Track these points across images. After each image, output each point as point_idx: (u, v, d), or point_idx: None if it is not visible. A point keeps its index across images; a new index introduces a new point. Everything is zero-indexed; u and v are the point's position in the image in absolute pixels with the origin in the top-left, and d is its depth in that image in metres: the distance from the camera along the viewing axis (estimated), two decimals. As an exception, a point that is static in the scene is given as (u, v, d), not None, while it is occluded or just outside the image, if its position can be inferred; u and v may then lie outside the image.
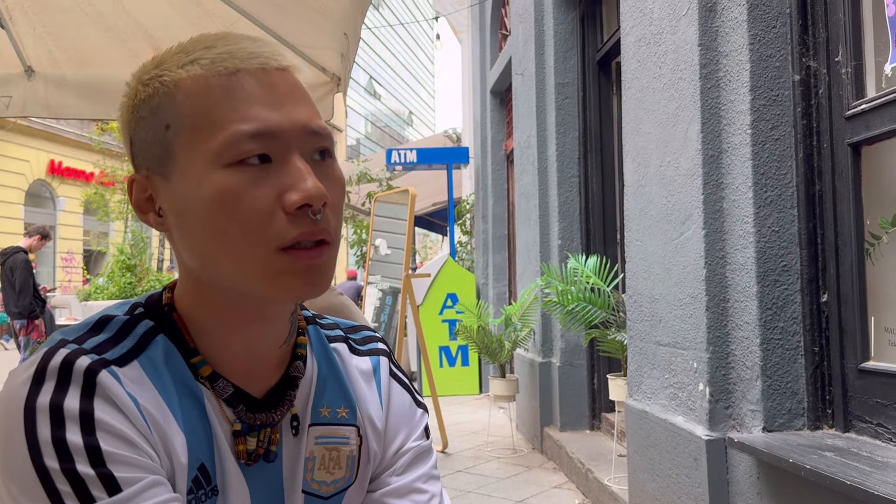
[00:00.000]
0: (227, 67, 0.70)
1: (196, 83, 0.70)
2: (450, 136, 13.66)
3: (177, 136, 0.70)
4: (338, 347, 0.87)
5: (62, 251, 20.91)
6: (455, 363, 7.97)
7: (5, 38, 2.96)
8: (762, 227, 2.39)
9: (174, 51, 0.73)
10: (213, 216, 0.68)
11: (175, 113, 0.70)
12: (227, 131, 0.67)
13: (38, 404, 0.64)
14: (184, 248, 0.73)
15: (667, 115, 2.86)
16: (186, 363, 0.74)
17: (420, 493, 0.85)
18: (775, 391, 2.36)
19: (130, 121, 0.74)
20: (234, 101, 0.69)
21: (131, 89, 0.74)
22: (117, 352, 0.70)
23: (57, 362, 0.66)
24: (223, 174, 0.67)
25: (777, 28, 2.42)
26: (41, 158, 20.11)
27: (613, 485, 3.61)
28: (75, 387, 0.65)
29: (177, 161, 0.70)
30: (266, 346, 0.77)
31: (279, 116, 0.69)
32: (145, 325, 0.74)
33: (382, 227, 6.43)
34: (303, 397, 0.81)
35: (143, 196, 0.74)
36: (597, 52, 4.92)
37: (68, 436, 0.63)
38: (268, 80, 0.71)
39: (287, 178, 0.68)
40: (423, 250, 24.65)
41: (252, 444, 0.75)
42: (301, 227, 0.68)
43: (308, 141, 0.71)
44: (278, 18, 2.61)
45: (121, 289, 9.06)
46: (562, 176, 5.01)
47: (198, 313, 0.75)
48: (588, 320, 3.94)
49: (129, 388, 0.68)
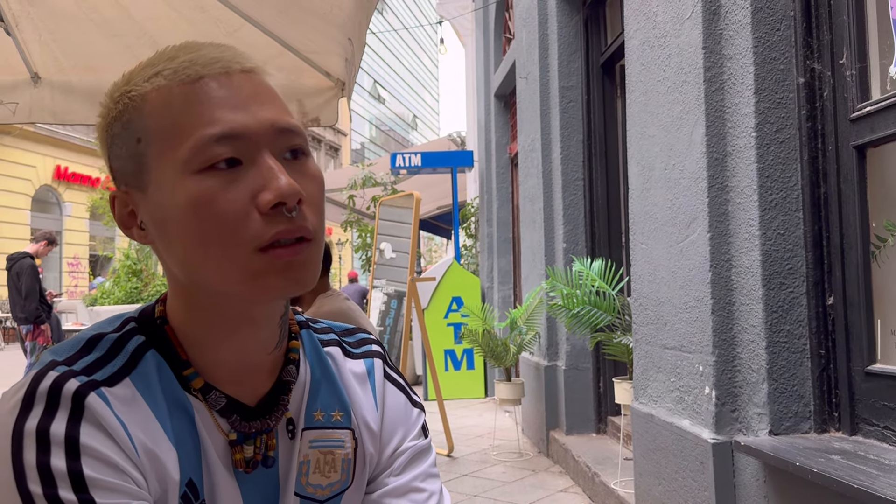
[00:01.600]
0: (190, 75, 0.71)
1: (161, 94, 0.71)
2: (454, 140, 13.66)
3: (148, 148, 0.70)
4: (331, 351, 0.87)
5: (68, 256, 20.98)
6: (460, 367, 7.97)
7: (11, 45, 2.97)
8: (767, 230, 2.38)
9: (142, 65, 0.74)
10: (189, 223, 0.68)
11: (144, 126, 0.71)
12: (194, 137, 0.68)
13: (26, 429, 0.64)
14: (168, 258, 0.73)
15: (671, 118, 2.86)
16: (178, 376, 0.74)
17: (418, 492, 0.85)
18: (781, 394, 2.35)
19: (106, 138, 0.75)
20: (199, 107, 0.69)
21: (104, 108, 0.75)
22: (108, 371, 0.70)
23: (46, 386, 0.66)
24: (194, 180, 0.68)
25: (781, 31, 2.42)
26: (47, 164, 20.20)
27: (620, 488, 3.61)
28: (63, 411, 0.65)
29: (150, 173, 0.70)
30: (257, 352, 0.77)
31: (244, 117, 0.69)
32: (136, 340, 0.74)
33: (387, 231, 6.44)
34: (296, 402, 0.81)
35: (125, 211, 0.75)
36: (601, 56, 4.93)
37: (53, 461, 0.63)
38: (231, 83, 0.71)
39: (259, 179, 0.68)
40: (427, 254, 24.65)
41: (249, 451, 0.76)
42: (277, 225, 0.68)
43: (278, 139, 0.70)
44: (283, 24, 2.61)
45: (127, 293, 9.08)
46: (566, 179, 5.01)
47: (188, 324, 0.75)
48: (593, 324, 3.94)
49: (119, 409, 0.68)
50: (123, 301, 8.91)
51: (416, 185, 11.32)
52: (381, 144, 60.90)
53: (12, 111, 3.20)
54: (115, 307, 8.53)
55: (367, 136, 59.38)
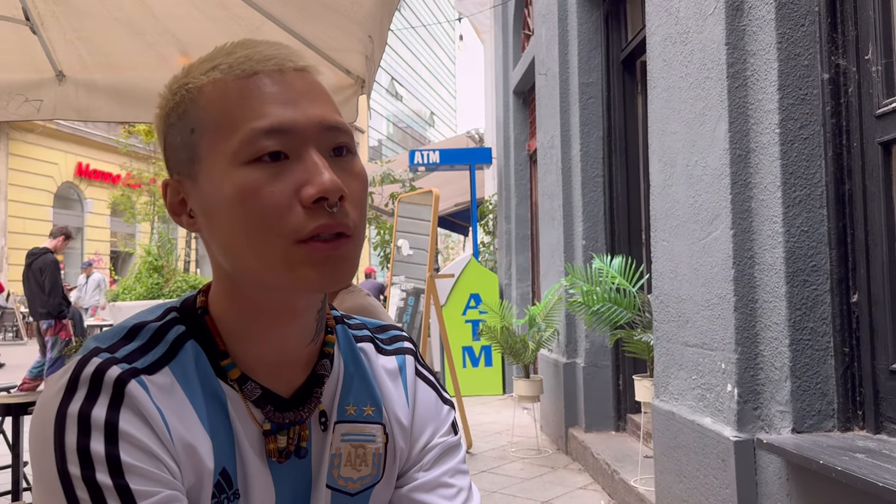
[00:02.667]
0: (245, 70, 0.73)
1: (216, 87, 0.73)
2: (472, 137, 13.65)
3: (201, 138, 0.73)
4: (364, 347, 0.89)
5: (90, 252, 21.19)
6: (478, 363, 7.98)
7: (37, 44, 3.01)
8: (791, 227, 2.37)
9: (201, 60, 0.77)
10: (235, 212, 0.70)
11: (198, 117, 0.73)
12: (244, 129, 0.70)
13: (69, 412, 0.67)
14: (214, 246, 0.75)
15: (694, 114, 2.85)
16: (215, 367, 0.76)
17: (447, 488, 0.86)
18: (805, 392, 2.34)
19: (163, 128, 0.77)
20: (251, 101, 0.71)
21: (163, 99, 0.77)
22: (148, 359, 0.72)
23: (89, 372, 0.69)
24: (242, 172, 0.69)
25: (805, 26, 2.40)
26: (69, 161, 20.40)
27: (640, 486, 3.60)
28: (104, 397, 0.68)
29: (202, 163, 0.73)
30: (294, 345, 0.78)
31: (294, 113, 0.71)
32: (176, 330, 0.76)
33: (406, 228, 6.45)
34: (329, 395, 0.82)
35: (176, 199, 0.77)
36: (621, 52, 4.90)
37: (92, 444, 0.66)
38: (284, 80, 0.73)
39: (303, 173, 0.70)
40: (444, 251, 24.67)
41: (283, 441, 0.77)
42: (318, 219, 0.69)
43: (325, 137, 0.72)
44: (303, 21, 2.63)
45: (148, 289, 9.16)
46: (586, 176, 5.00)
47: (229, 314, 0.77)
48: (613, 321, 3.93)
49: (157, 398, 0.70)
50: (145, 297, 8.98)
51: (433, 182, 11.33)
52: (399, 141, 60.96)
53: (37, 108, 3.24)
54: (137, 303, 8.61)
55: (385, 133, 59.46)
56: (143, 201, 18.91)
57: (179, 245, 16.57)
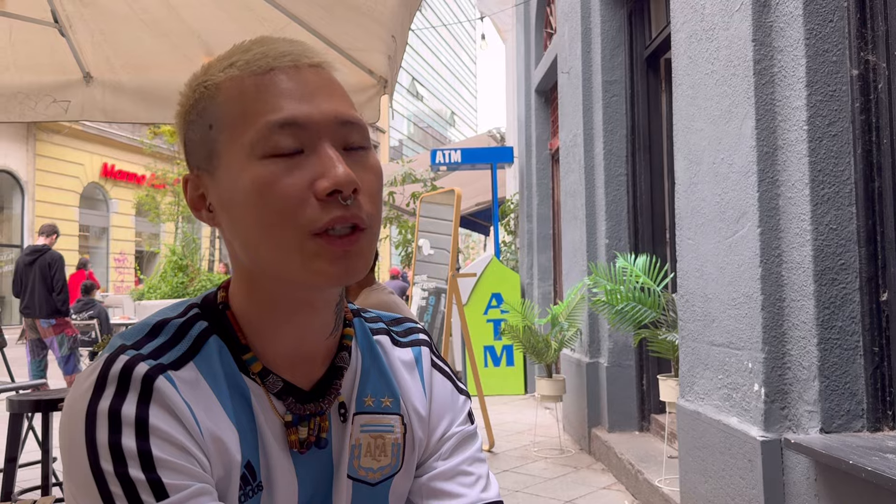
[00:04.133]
0: (261, 66, 0.75)
1: (233, 83, 0.75)
2: (493, 136, 13.64)
3: (219, 134, 0.74)
4: (380, 339, 0.90)
5: (115, 252, 21.44)
6: (500, 363, 7.96)
7: (65, 46, 3.04)
8: (819, 225, 2.34)
9: (219, 57, 0.79)
10: (252, 205, 0.71)
11: (217, 113, 0.75)
12: (260, 123, 0.72)
13: (99, 409, 0.68)
14: (232, 239, 0.76)
15: (720, 111, 2.82)
16: (238, 361, 0.77)
17: (466, 475, 0.87)
18: (833, 392, 2.31)
19: (183, 125, 0.79)
20: (267, 96, 0.73)
21: (183, 96, 0.80)
22: (173, 355, 0.74)
23: (117, 369, 0.70)
24: (258, 165, 0.71)
25: (834, 22, 2.37)
26: (95, 162, 20.64)
27: (664, 486, 3.57)
28: (133, 393, 0.69)
29: (220, 157, 0.74)
30: (314, 338, 0.80)
31: (308, 108, 0.73)
32: (200, 326, 0.78)
33: (427, 228, 6.45)
34: (348, 387, 0.84)
35: (195, 194, 0.78)
36: (645, 49, 4.87)
37: (123, 440, 0.67)
38: (299, 75, 0.75)
39: (318, 167, 0.71)
40: (465, 250, 24.66)
41: (304, 433, 0.78)
42: (332, 212, 0.70)
43: (339, 131, 0.74)
44: (327, 22, 2.64)
45: (173, 288, 9.25)
46: (609, 174, 4.97)
47: (249, 308, 0.78)
48: (638, 320, 3.91)
49: (185, 392, 0.72)
50: (170, 296, 9.07)
51: (455, 182, 11.33)
52: (420, 141, 61.04)
53: (65, 109, 3.28)
54: (162, 301, 8.69)
55: (406, 132, 59.56)
56: (168, 201, 19.10)
57: (203, 244, 16.71)
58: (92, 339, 8.65)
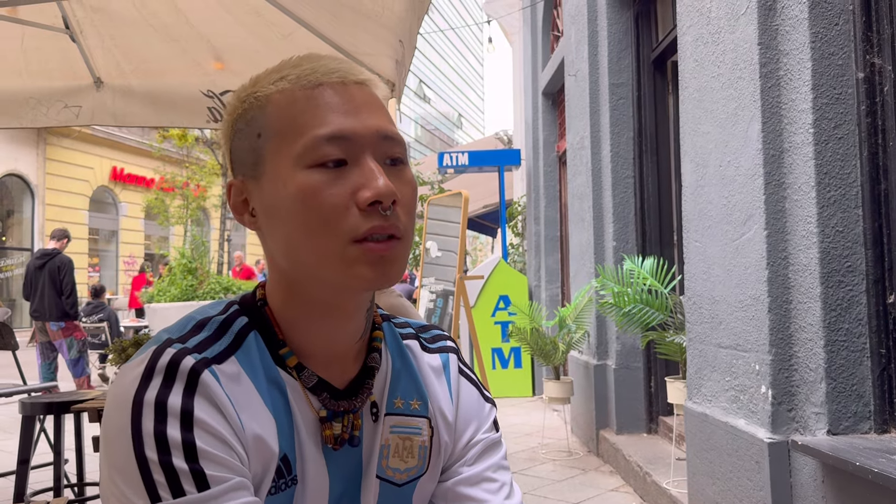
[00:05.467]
0: (311, 81, 0.79)
1: (284, 96, 0.79)
2: (501, 139, 13.65)
3: (267, 142, 0.78)
4: (410, 344, 0.93)
5: (124, 255, 21.54)
6: (507, 365, 7.97)
7: (76, 52, 3.07)
8: (826, 228, 2.34)
9: (268, 71, 0.82)
10: (296, 212, 0.74)
11: (265, 123, 0.78)
12: (308, 136, 0.75)
13: (146, 399, 0.70)
14: (273, 243, 0.79)
15: (726, 114, 2.83)
16: (275, 356, 0.80)
17: (491, 482, 0.89)
18: (840, 394, 2.32)
19: (230, 133, 0.83)
20: (316, 110, 0.77)
21: (231, 106, 0.83)
22: (217, 349, 0.77)
23: (165, 361, 0.73)
24: (305, 174, 0.74)
25: (840, 25, 2.37)
26: (104, 165, 20.75)
27: (672, 488, 3.58)
28: (179, 385, 0.71)
29: (266, 165, 0.78)
30: (346, 339, 0.82)
31: (354, 122, 0.76)
32: (240, 322, 0.81)
33: (435, 230, 6.47)
34: (379, 388, 0.86)
35: (239, 199, 0.82)
36: (652, 52, 4.88)
37: (169, 430, 0.69)
38: (346, 92, 0.79)
39: (361, 178, 0.74)
40: (473, 252, 24.65)
41: (338, 429, 0.81)
42: (372, 221, 0.74)
43: (381, 146, 0.77)
44: (335, 26, 2.66)
45: (182, 291, 9.28)
46: (616, 177, 4.98)
47: (286, 307, 0.81)
48: (645, 322, 3.91)
49: (227, 386, 0.74)
50: (179, 298, 9.10)
51: (462, 184, 11.35)
52: (427, 144, 61.09)
53: (76, 114, 3.31)
54: (172, 304, 8.73)
55: (413, 135, 59.61)
56: (177, 204, 19.18)
57: (212, 248, 16.76)
58: (102, 343, 8.69)
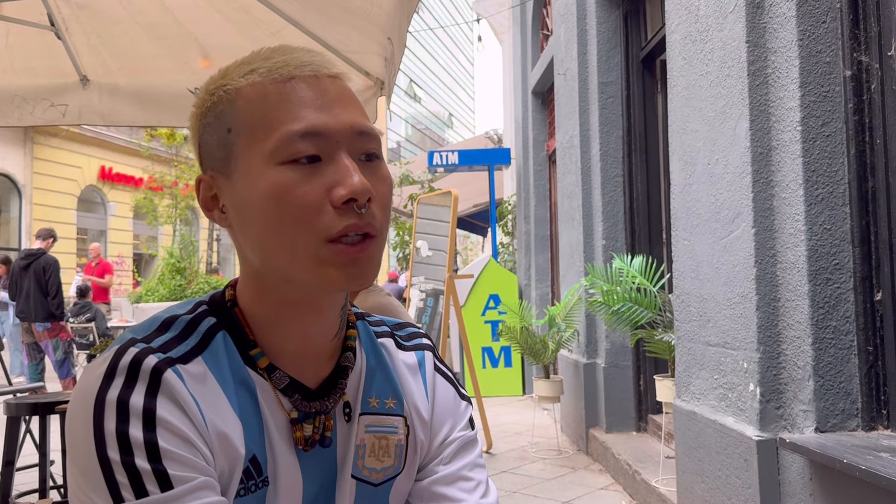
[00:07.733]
0: (283, 74, 0.76)
1: (254, 90, 0.76)
2: (491, 138, 13.65)
3: (237, 138, 0.75)
4: (385, 342, 0.91)
5: (113, 255, 21.41)
6: (498, 364, 7.97)
7: (62, 49, 3.05)
8: (813, 225, 2.35)
9: (237, 63, 0.80)
10: (269, 209, 0.72)
11: (236, 117, 0.76)
12: (281, 131, 0.73)
13: (108, 398, 0.69)
14: (244, 241, 0.78)
15: (714, 112, 2.84)
16: (245, 357, 0.78)
17: (466, 481, 0.89)
18: (828, 391, 2.32)
19: (199, 127, 0.80)
20: (288, 105, 0.74)
21: (199, 99, 0.80)
22: (182, 349, 0.75)
23: (127, 360, 0.71)
24: (277, 171, 0.72)
25: (827, 23, 2.38)
26: (92, 165, 20.61)
27: (661, 486, 3.58)
28: (141, 384, 0.70)
29: (237, 161, 0.75)
30: (319, 338, 0.81)
31: (328, 118, 0.74)
32: (208, 322, 0.79)
33: (425, 229, 6.46)
34: (353, 387, 0.85)
35: (208, 195, 0.80)
36: (641, 51, 4.89)
37: (131, 430, 0.68)
38: (318, 85, 0.76)
39: (335, 175, 0.73)
40: (463, 252, 24.65)
41: (308, 430, 0.79)
42: (347, 220, 0.72)
43: (356, 142, 0.75)
44: (324, 24, 2.64)
45: (171, 291, 9.24)
46: (606, 176, 4.99)
47: (257, 307, 0.80)
48: (634, 321, 3.92)
49: (192, 386, 0.73)
50: (168, 298, 9.06)
51: (452, 183, 11.34)
52: (417, 143, 61.05)
53: (62, 113, 3.28)
54: (160, 304, 8.68)
55: (404, 134, 59.59)
56: (166, 204, 19.07)
57: (201, 247, 16.70)
58: (89, 343, 8.63)
